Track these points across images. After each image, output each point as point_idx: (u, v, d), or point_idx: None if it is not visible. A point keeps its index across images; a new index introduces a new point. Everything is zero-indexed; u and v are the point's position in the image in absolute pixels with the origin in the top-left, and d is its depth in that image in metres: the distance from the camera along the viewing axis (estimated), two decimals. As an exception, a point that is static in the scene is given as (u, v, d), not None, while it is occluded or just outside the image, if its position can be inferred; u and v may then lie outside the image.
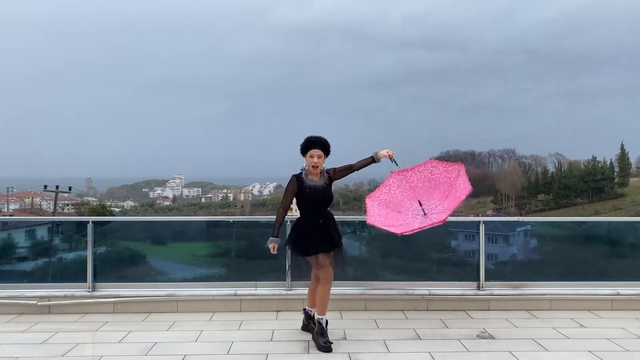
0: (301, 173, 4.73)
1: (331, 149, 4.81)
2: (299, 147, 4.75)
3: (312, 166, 4.66)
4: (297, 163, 4.96)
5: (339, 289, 5.64)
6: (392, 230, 4.87)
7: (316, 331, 4.62)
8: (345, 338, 4.85)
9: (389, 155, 4.98)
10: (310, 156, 4.67)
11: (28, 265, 6.54)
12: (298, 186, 4.68)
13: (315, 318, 4.73)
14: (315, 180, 4.70)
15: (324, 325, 4.62)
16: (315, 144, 4.68)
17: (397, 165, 5.04)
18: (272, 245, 4.63)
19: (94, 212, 45.75)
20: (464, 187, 5.04)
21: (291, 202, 4.77)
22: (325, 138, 4.77)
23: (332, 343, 4.53)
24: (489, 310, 5.77)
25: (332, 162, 4.95)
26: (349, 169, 4.90)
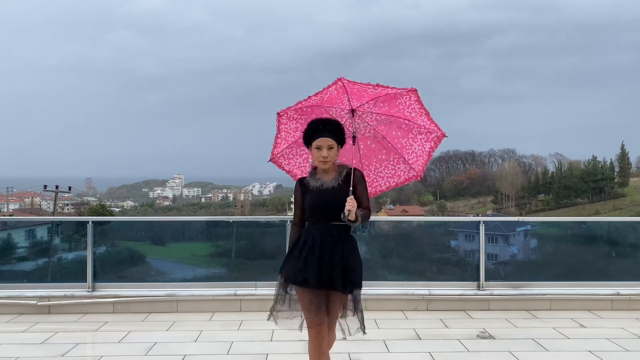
0: (306, 176, 3.45)
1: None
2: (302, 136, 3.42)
3: (321, 162, 3.27)
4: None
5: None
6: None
7: None
8: (345, 338, 4.84)
9: (351, 205, 3.16)
10: (316, 147, 3.24)
11: (28, 265, 6.54)
12: (302, 191, 3.39)
13: None
14: (323, 179, 3.32)
15: None
16: (322, 129, 3.24)
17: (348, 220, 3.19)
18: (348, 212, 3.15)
19: (94, 212, 45.78)
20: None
21: (303, 215, 3.39)
22: (337, 120, 3.39)
23: None
24: (489, 310, 5.76)
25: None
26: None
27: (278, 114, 3.65)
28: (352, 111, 3.53)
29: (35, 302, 5.68)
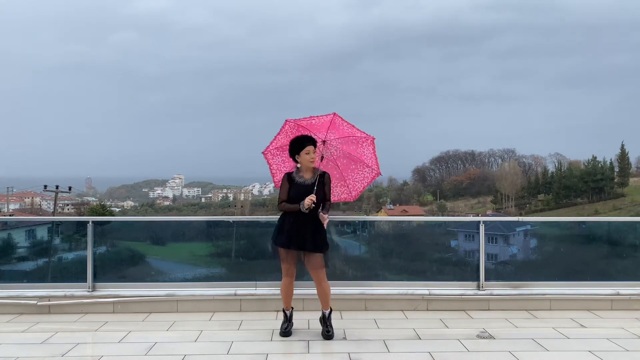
0: (292, 172, 4.90)
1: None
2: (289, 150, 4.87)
3: (310, 161, 4.78)
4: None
5: (339, 289, 5.64)
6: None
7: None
8: (345, 338, 4.85)
9: (312, 200, 4.69)
10: (307, 152, 4.75)
11: (28, 265, 6.54)
12: (289, 182, 4.84)
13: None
14: (304, 177, 4.81)
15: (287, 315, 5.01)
16: (308, 140, 4.78)
17: (324, 213, 4.83)
18: (307, 201, 4.65)
19: (94, 212, 45.76)
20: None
21: (288, 196, 4.82)
22: (311, 136, 4.91)
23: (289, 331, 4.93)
24: (489, 310, 5.77)
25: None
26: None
27: (287, 120, 5.04)
28: (323, 142, 5.03)
29: (35, 302, 5.68)
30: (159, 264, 6.75)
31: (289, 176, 4.87)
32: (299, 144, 4.78)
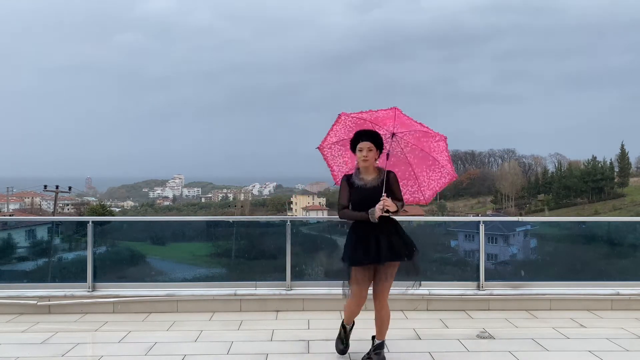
0: (352, 174, 4.21)
1: None
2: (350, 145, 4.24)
3: (362, 160, 4.06)
4: (299, 162, 4.91)
5: (338, 289, 5.62)
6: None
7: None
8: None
9: (382, 208, 3.98)
10: (359, 150, 4.08)
11: (28, 265, 6.54)
12: (348, 186, 4.17)
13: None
14: (365, 179, 4.12)
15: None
16: (364, 135, 4.10)
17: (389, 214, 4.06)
18: (378, 210, 3.96)
19: (94, 212, 45.79)
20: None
21: (349, 201, 4.16)
22: (376, 131, 4.19)
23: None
24: (489, 310, 5.77)
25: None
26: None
27: (340, 114, 4.32)
28: (393, 134, 4.27)
29: (36, 302, 5.68)
30: (159, 264, 6.75)
31: (348, 179, 4.19)
32: (354, 139, 4.13)
